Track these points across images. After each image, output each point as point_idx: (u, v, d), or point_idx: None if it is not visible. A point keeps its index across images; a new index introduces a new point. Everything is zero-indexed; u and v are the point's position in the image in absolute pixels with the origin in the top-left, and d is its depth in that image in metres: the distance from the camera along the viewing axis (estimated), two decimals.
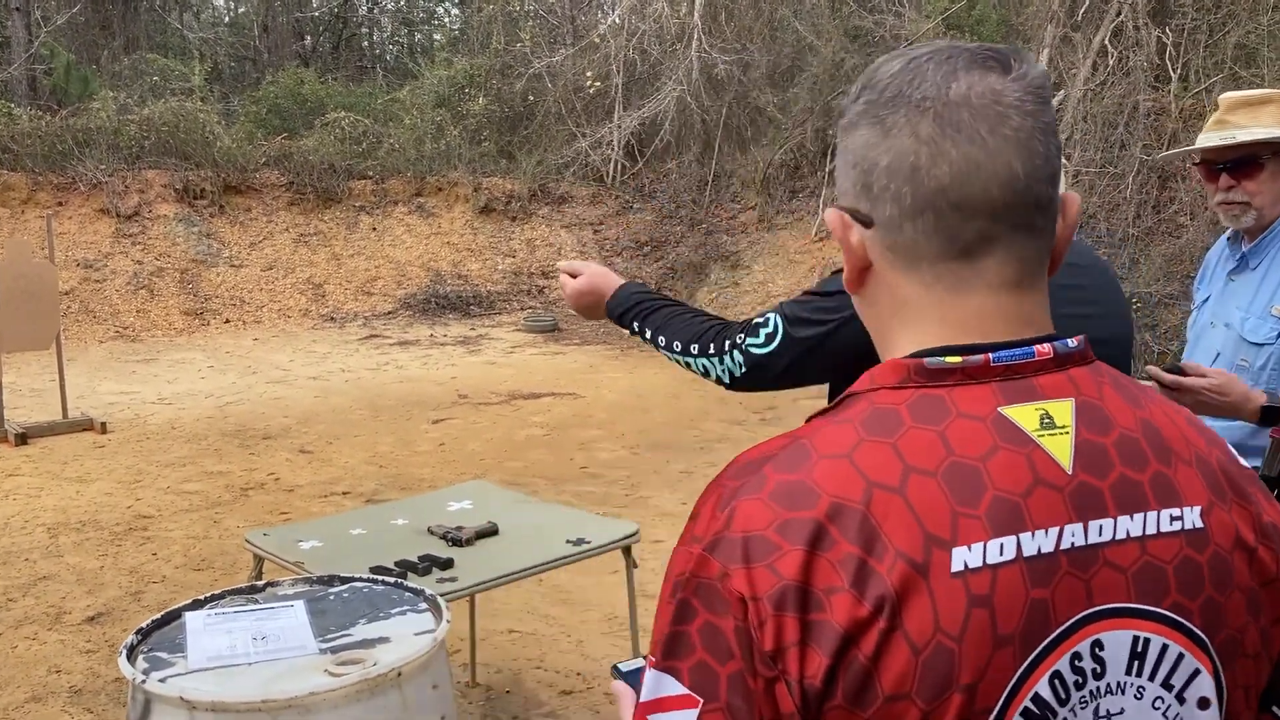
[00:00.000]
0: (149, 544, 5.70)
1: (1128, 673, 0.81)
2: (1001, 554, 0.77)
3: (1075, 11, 12.85)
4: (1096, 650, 0.80)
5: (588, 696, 3.86)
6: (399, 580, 2.41)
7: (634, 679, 0.99)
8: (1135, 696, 0.82)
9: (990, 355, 0.83)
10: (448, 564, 3.05)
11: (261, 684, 1.93)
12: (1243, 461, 0.92)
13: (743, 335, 1.86)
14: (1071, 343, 0.86)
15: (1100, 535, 0.80)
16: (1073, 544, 0.79)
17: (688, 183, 17.25)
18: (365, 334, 13.56)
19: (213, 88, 20.23)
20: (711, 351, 1.89)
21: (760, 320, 1.86)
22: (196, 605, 2.30)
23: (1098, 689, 0.81)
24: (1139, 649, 0.81)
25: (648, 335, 1.99)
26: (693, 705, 0.79)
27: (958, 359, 0.83)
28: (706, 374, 1.92)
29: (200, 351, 12.31)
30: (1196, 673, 0.83)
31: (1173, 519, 0.83)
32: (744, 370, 1.85)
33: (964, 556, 0.76)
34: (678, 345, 1.93)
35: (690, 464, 7.22)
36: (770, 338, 1.83)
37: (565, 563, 3.17)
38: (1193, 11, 11.97)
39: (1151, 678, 0.82)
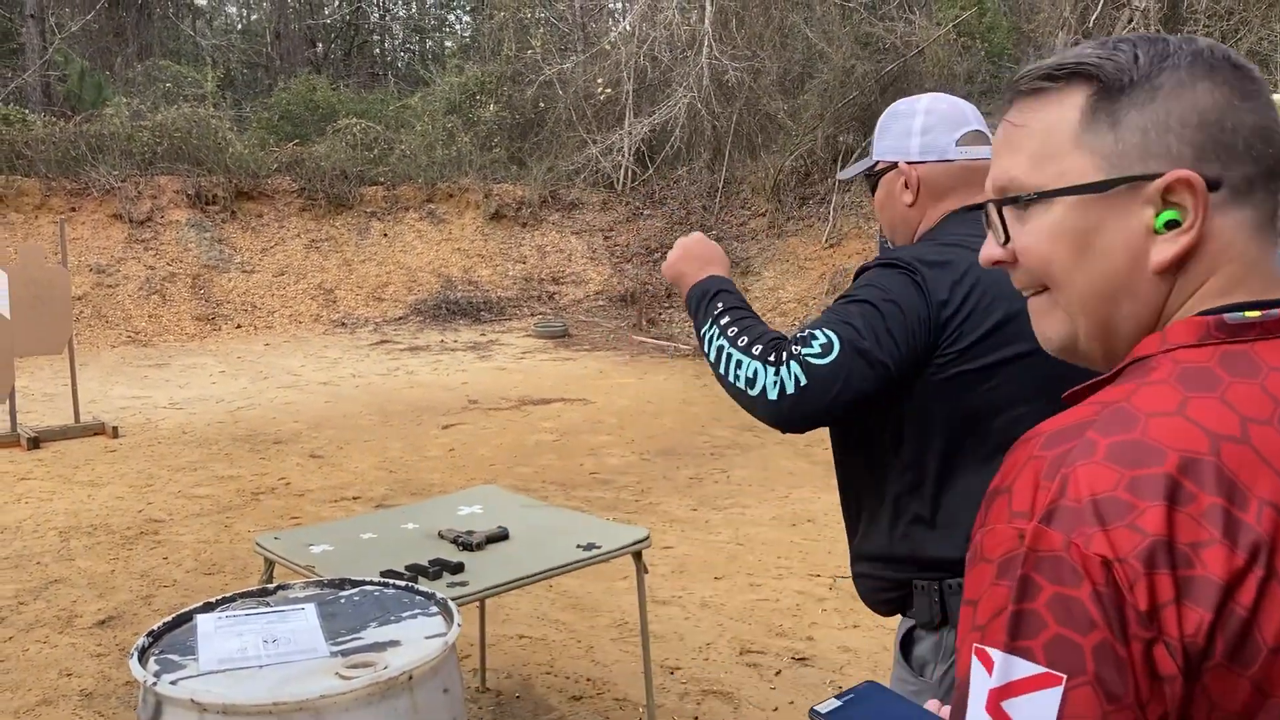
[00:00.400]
0: (160, 548, 5.71)
1: None
2: None
3: (1086, 19, 12.83)
4: None
5: (598, 702, 3.86)
6: (410, 584, 2.40)
7: (842, 716, 0.97)
8: None
9: None
10: (458, 568, 3.05)
11: (272, 687, 1.93)
12: None
13: (796, 346, 1.68)
14: None
15: None
16: None
17: (698, 189, 17.27)
18: (376, 339, 13.59)
19: (225, 94, 20.33)
20: (771, 359, 1.68)
21: (807, 334, 1.69)
22: (208, 608, 2.30)
23: None
24: None
25: (711, 322, 1.80)
26: (1054, 683, 0.75)
27: (1257, 314, 0.84)
28: (751, 384, 1.68)
29: (212, 356, 12.35)
30: None
31: None
32: (799, 386, 1.65)
33: None
34: (743, 341, 1.73)
35: (700, 470, 7.21)
36: (827, 349, 1.66)
37: (576, 567, 3.16)
38: (1205, 19, 11.95)
39: None
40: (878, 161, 1.92)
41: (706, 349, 1.81)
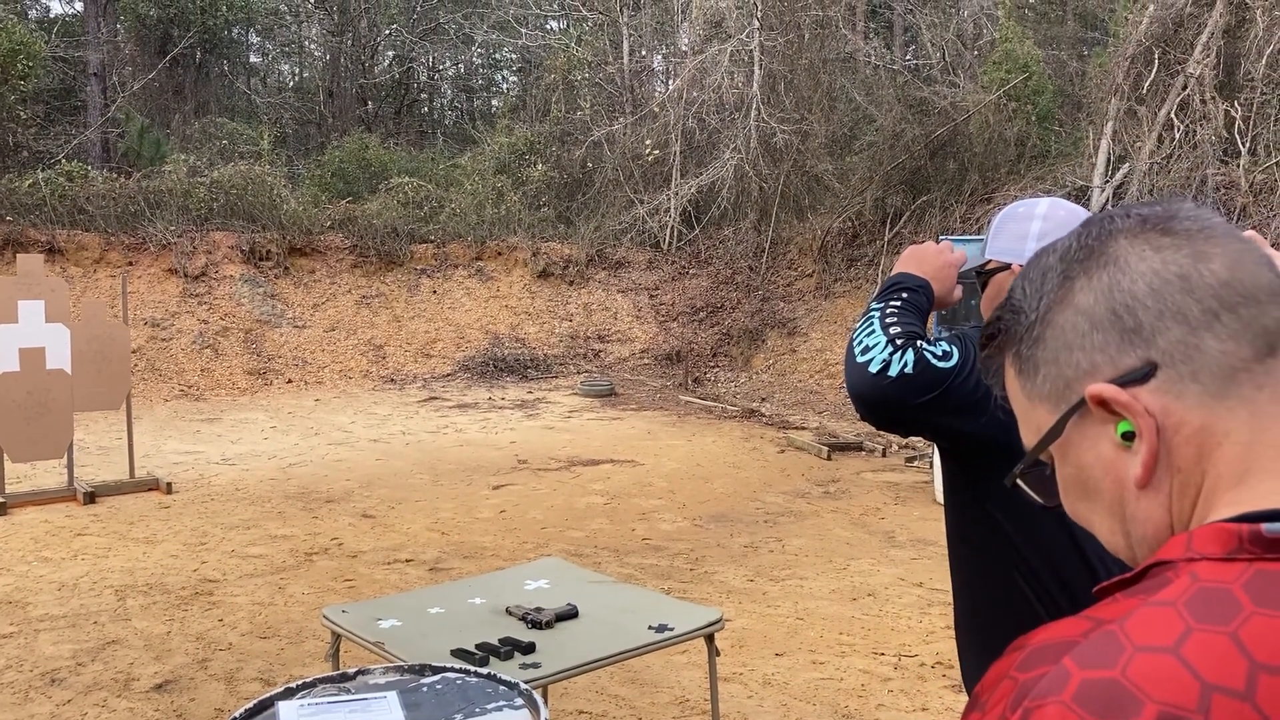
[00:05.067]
0: (215, 609, 5.70)
1: None
2: None
3: (1140, 85, 12.78)
4: None
5: None
6: (492, 673, 2.36)
7: None
8: None
9: None
10: (529, 648, 3.00)
11: None
12: None
13: (922, 342, 1.77)
14: None
15: None
16: None
17: (744, 249, 17.31)
18: (425, 396, 13.64)
19: (279, 151, 20.71)
20: (899, 342, 1.76)
21: (935, 339, 1.78)
22: (288, 694, 2.27)
23: None
24: None
25: (883, 301, 1.88)
26: None
27: None
28: (867, 351, 1.77)
29: (263, 411, 12.44)
30: None
31: None
32: (904, 374, 1.72)
33: None
34: (890, 320, 1.81)
35: (754, 538, 7.12)
36: (947, 355, 1.74)
37: (649, 650, 3.11)
38: (1262, 85, 11.86)
39: None
40: (990, 260, 1.93)
41: (861, 317, 1.87)
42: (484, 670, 2.38)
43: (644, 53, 23.14)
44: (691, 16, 19.48)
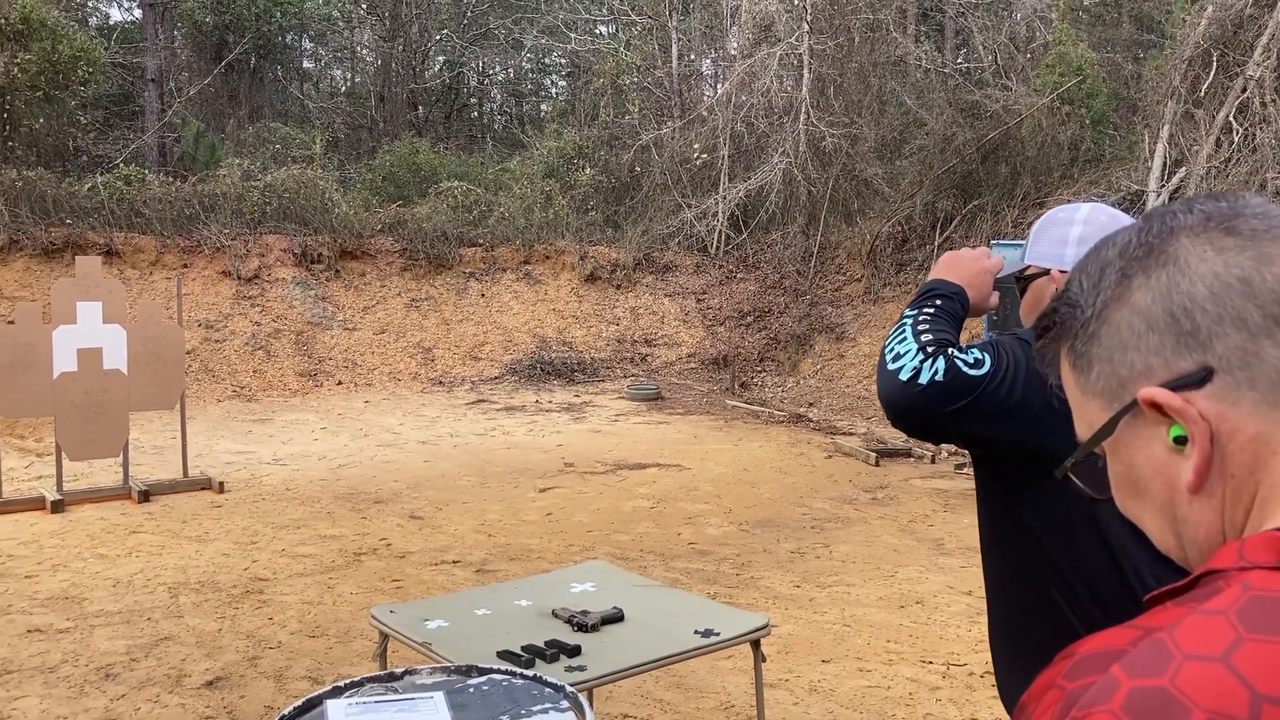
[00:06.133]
0: (265, 608, 5.77)
1: None
2: None
3: (1197, 88, 12.56)
4: None
5: None
6: (538, 675, 2.36)
7: None
8: None
9: None
10: (575, 651, 3.00)
11: None
12: None
13: (953, 349, 1.75)
14: None
15: None
16: None
17: (792, 253, 17.23)
18: (473, 399, 13.72)
19: (331, 156, 20.95)
20: (930, 350, 1.74)
21: (966, 347, 1.76)
22: (336, 693, 2.29)
23: None
24: None
25: (917, 308, 1.87)
26: None
27: None
28: (899, 359, 1.75)
29: (313, 413, 12.58)
30: None
31: None
32: (935, 381, 1.70)
33: None
34: (922, 328, 1.80)
35: (801, 544, 7.08)
36: (979, 362, 1.72)
37: (695, 655, 3.10)
38: None
39: None
40: (1029, 265, 1.92)
41: (895, 325, 1.86)
42: (530, 672, 2.38)
43: (692, 57, 23.14)
44: (741, 20, 19.45)
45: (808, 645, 5.13)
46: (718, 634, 3.16)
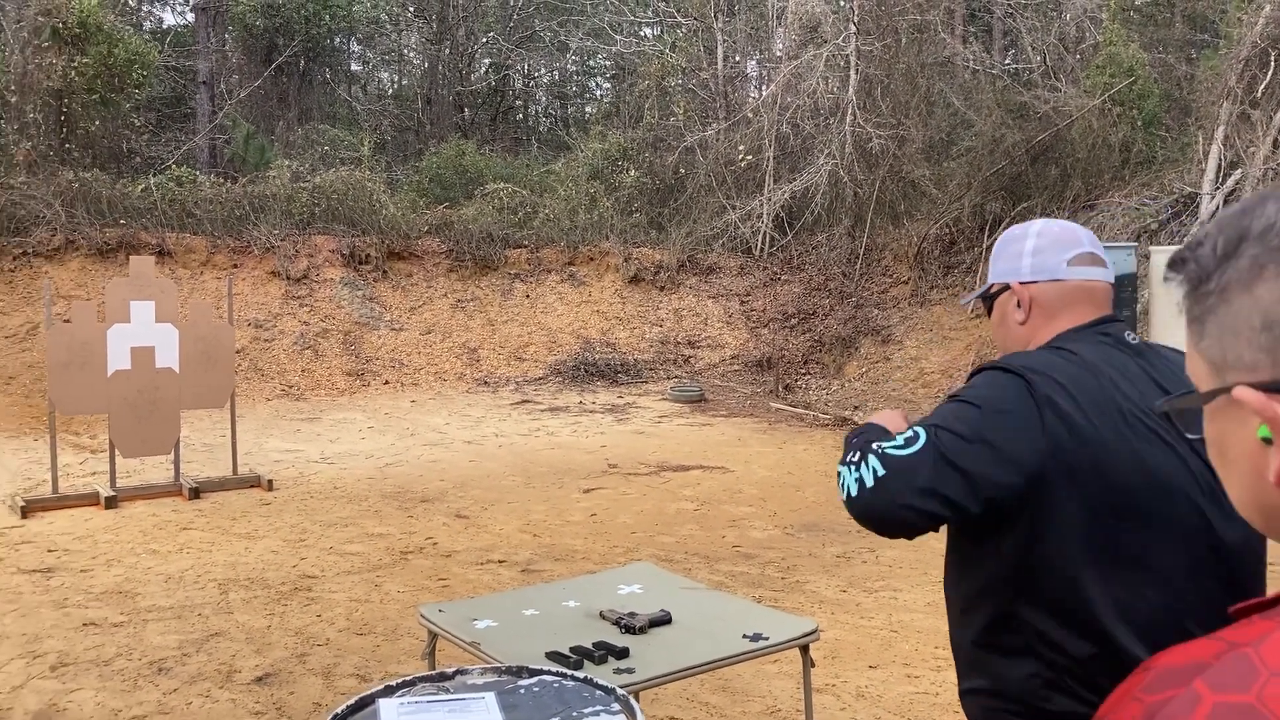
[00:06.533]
0: (313, 605, 5.83)
1: None
2: None
3: (1254, 88, 12.34)
4: None
5: None
6: (589, 678, 2.36)
7: None
8: None
9: None
10: (623, 653, 3.00)
11: None
12: None
13: (880, 443, 1.72)
14: None
15: None
16: None
17: (837, 255, 17.12)
18: (517, 399, 13.78)
19: (378, 158, 21.14)
20: (853, 459, 1.73)
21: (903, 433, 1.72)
22: (388, 692, 2.30)
23: None
24: None
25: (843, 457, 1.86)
26: None
27: None
28: (842, 488, 1.75)
29: (360, 412, 12.70)
30: None
31: None
32: (877, 477, 1.66)
33: None
34: (846, 456, 1.79)
35: (847, 548, 7.03)
36: (910, 440, 1.67)
37: (744, 659, 3.08)
38: None
39: None
40: (992, 285, 1.96)
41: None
42: (580, 674, 2.38)
43: (738, 58, 23.08)
44: (786, 21, 19.37)
45: (855, 650, 5.10)
46: (766, 638, 3.14)
